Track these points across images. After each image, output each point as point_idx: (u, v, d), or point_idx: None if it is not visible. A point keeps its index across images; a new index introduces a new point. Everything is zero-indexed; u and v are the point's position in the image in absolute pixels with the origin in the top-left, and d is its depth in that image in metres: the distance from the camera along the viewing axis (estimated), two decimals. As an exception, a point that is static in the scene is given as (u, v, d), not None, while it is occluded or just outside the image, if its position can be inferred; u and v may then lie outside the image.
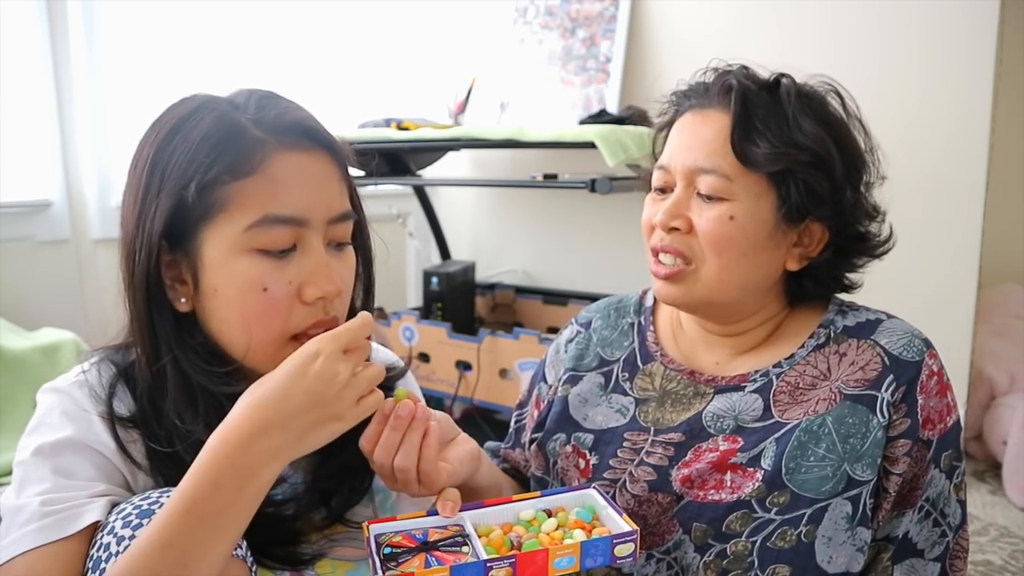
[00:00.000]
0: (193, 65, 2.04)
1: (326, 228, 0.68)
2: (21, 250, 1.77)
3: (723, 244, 0.78)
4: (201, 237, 0.65)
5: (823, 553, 0.73)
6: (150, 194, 0.65)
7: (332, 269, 0.68)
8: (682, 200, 0.80)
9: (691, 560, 0.76)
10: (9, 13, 1.71)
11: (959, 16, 1.83)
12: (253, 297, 0.65)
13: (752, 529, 0.75)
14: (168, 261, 0.67)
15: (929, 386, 0.76)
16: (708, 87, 0.83)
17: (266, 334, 0.66)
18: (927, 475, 0.76)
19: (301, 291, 0.66)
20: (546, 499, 0.72)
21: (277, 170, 0.65)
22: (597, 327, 0.96)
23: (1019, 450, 2.01)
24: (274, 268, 0.65)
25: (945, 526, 0.77)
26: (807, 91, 0.81)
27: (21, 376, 1.47)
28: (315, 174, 0.68)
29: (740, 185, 0.77)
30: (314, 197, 0.67)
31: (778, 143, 0.76)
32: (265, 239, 0.65)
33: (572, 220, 2.48)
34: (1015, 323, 2.53)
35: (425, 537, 0.66)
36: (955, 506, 0.78)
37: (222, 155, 0.64)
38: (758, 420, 0.79)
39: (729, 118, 0.78)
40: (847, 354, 0.79)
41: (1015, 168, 2.71)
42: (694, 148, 0.80)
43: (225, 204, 0.64)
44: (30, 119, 1.77)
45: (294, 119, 0.68)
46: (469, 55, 2.55)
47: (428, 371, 2.11)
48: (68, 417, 0.66)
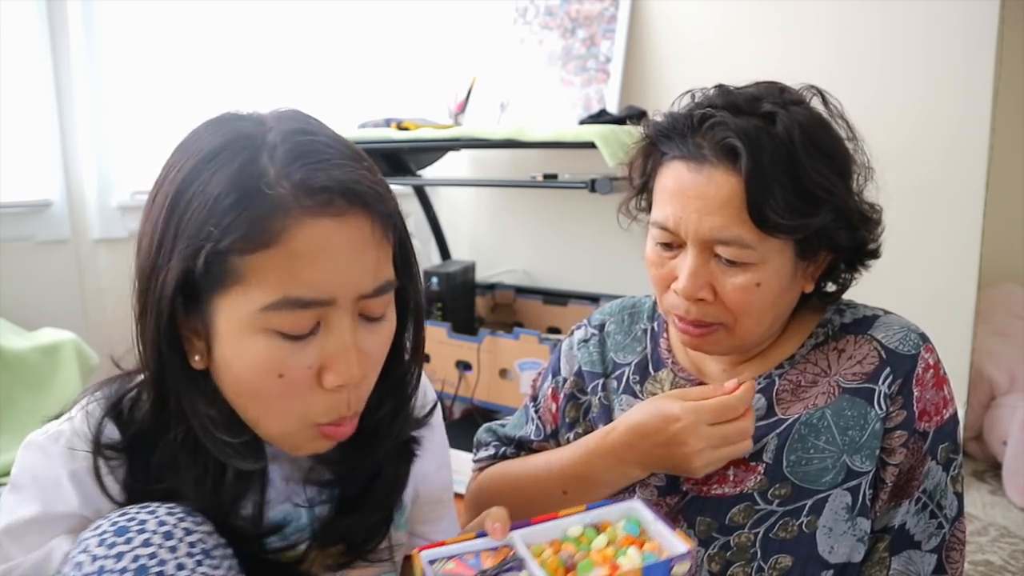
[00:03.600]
0: (194, 65, 2.04)
1: (356, 303, 0.60)
2: (21, 250, 1.77)
3: (753, 308, 0.76)
4: (215, 305, 0.58)
5: (824, 543, 0.74)
6: (164, 247, 0.58)
7: (358, 351, 0.60)
8: (701, 267, 0.76)
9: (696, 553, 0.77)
10: (9, 13, 1.71)
11: (959, 16, 1.83)
12: (268, 382, 0.58)
13: (755, 521, 0.76)
14: (188, 323, 0.60)
15: (925, 379, 0.77)
16: (696, 134, 0.75)
17: (283, 417, 0.61)
18: (924, 467, 0.77)
19: (321, 375, 0.59)
20: (592, 513, 0.70)
21: (300, 243, 0.55)
22: (611, 331, 0.95)
23: (1019, 450, 2.01)
24: (292, 352, 0.58)
25: (942, 517, 0.78)
26: (801, 120, 0.75)
27: (21, 376, 1.46)
28: (347, 246, 0.58)
29: (762, 249, 0.74)
30: (343, 274, 0.58)
31: (797, 204, 0.72)
32: (283, 322, 0.57)
33: (572, 220, 2.48)
34: (1015, 323, 2.53)
35: (478, 563, 0.64)
36: (952, 498, 0.79)
37: (238, 220, 0.55)
38: (762, 419, 0.80)
39: (736, 181, 0.72)
40: (845, 350, 0.81)
41: (1015, 168, 2.71)
42: (704, 215, 0.74)
43: (241, 276, 0.56)
44: (30, 119, 1.76)
45: (329, 177, 0.57)
46: (469, 55, 2.55)
47: (428, 371, 2.11)
48: (37, 484, 0.62)
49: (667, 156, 0.78)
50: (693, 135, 0.76)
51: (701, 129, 0.75)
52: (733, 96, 0.77)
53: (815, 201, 0.73)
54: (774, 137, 0.73)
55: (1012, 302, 2.66)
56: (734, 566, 0.76)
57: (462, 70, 2.49)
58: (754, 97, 0.76)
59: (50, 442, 0.63)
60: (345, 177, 0.57)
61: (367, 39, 2.54)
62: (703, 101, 0.79)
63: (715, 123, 0.74)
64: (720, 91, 0.79)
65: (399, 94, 2.61)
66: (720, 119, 0.74)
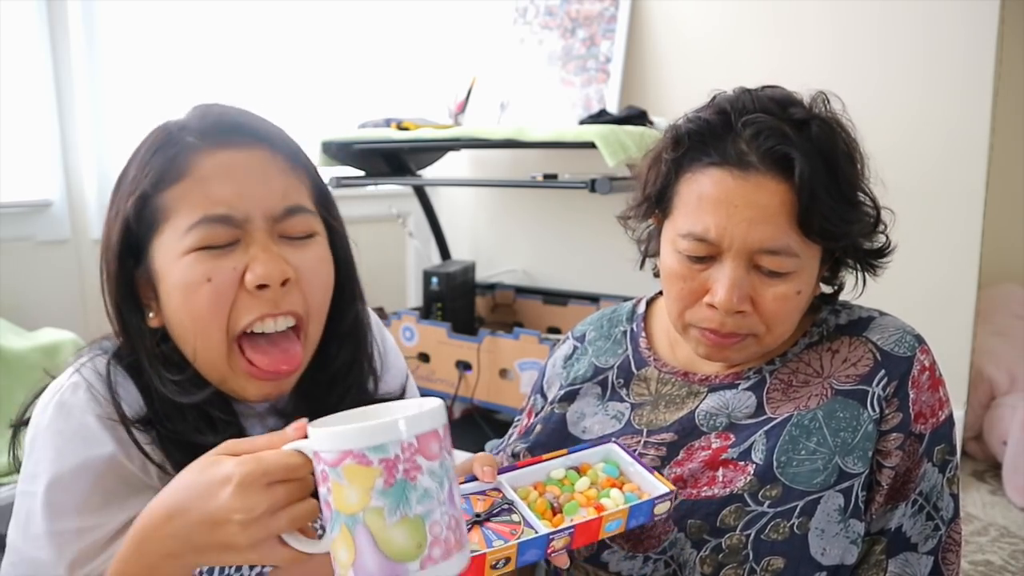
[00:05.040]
0: (193, 65, 2.04)
1: (273, 225, 0.66)
2: (21, 250, 1.77)
3: (789, 316, 0.76)
4: (152, 249, 0.66)
5: (816, 545, 0.74)
6: (110, 213, 0.67)
7: (281, 258, 0.65)
8: (744, 280, 0.73)
9: (688, 556, 0.77)
10: (9, 13, 1.71)
11: (959, 16, 1.83)
12: (200, 290, 0.63)
13: (746, 522, 0.75)
14: (142, 281, 0.67)
15: (920, 381, 0.77)
16: (739, 140, 0.73)
17: (212, 332, 0.64)
18: (920, 469, 0.77)
19: (244, 277, 0.64)
20: (572, 456, 0.74)
21: (208, 170, 0.64)
22: (591, 338, 0.95)
23: (1019, 450, 2.01)
24: (217, 258, 0.64)
25: (938, 519, 0.78)
26: (833, 125, 0.74)
27: (21, 376, 1.46)
28: (250, 170, 0.66)
29: (805, 257, 0.74)
30: (250, 194, 0.65)
31: (841, 210, 0.72)
32: (205, 237, 0.63)
33: (572, 220, 2.48)
34: (1015, 323, 2.54)
35: (469, 507, 0.66)
36: (948, 499, 0.79)
37: (154, 164, 0.65)
38: (751, 417, 0.80)
39: (786, 189, 0.71)
40: (839, 351, 0.80)
41: (1015, 168, 2.71)
42: (755, 224, 0.72)
43: (166, 213, 0.65)
44: (30, 119, 1.77)
45: (230, 120, 0.67)
46: (469, 55, 2.55)
47: (428, 371, 2.11)
48: (64, 436, 0.64)
49: (700, 163, 0.75)
50: (735, 141, 0.73)
51: (744, 135, 0.73)
52: (764, 101, 0.75)
53: (854, 205, 0.74)
54: (816, 143, 0.72)
55: (1012, 302, 2.67)
56: (726, 568, 0.75)
57: (462, 70, 2.49)
58: (783, 102, 0.75)
59: (69, 393, 0.65)
60: (243, 118, 0.68)
61: (367, 39, 2.54)
62: (737, 106, 0.75)
63: (760, 129, 0.72)
64: (751, 95, 0.76)
65: (399, 94, 2.62)
66: (765, 124, 0.72)
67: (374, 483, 0.48)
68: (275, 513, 0.50)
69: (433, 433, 0.50)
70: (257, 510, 0.49)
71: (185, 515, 0.52)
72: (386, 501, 0.48)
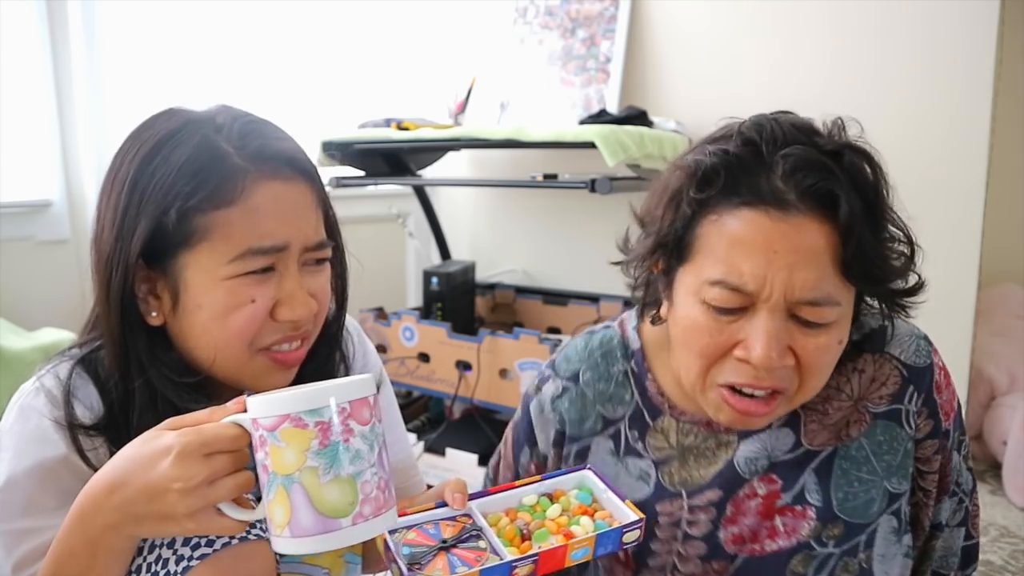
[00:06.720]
0: (193, 65, 2.04)
1: (303, 254, 0.70)
2: (21, 250, 1.77)
3: (828, 367, 0.70)
4: (182, 261, 0.66)
5: (880, 572, 0.75)
6: (129, 214, 0.66)
7: (305, 292, 0.70)
8: (782, 331, 0.65)
9: None
10: (9, 13, 1.71)
11: (959, 16, 1.83)
12: (237, 314, 0.67)
13: (815, 567, 0.74)
14: (143, 276, 0.68)
15: (941, 384, 0.79)
16: (773, 176, 0.65)
17: (236, 345, 0.68)
18: (952, 462, 0.80)
19: (275, 310, 0.68)
20: (546, 483, 0.74)
21: (258, 200, 0.66)
22: (588, 380, 0.83)
23: (1019, 450, 2.01)
24: (259, 283, 0.67)
25: (962, 494, 0.82)
26: (865, 156, 0.67)
27: (21, 376, 1.45)
28: (295, 203, 0.69)
29: (846, 304, 0.67)
30: (292, 227, 0.68)
31: (883, 251, 0.67)
32: (247, 265, 0.66)
33: (572, 220, 2.48)
34: (1015, 323, 2.54)
35: (439, 532, 0.66)
36: (966, 474, 0.83)
37: (204, 183, 0.65)
38: (789, 452, 0.77)
39: (829, 230, 0.64)
40: (865, 371, 0.78)
41: (1015, 168, 2.71)
42: (796, 271, 0.63)
43: (207, 233, 0.65)
44: (30, 119, 1.76)
45: (276, 148, 0.69)
46: (469, 55, 2.55)
47: (428, 371, 2.11)
48: (22, 438, 0.66)
49: (729, 203, 0.66)
50: (769, 177, 0.65)
51: (779, 171, 0.65)
52: (791, 130, 0.67)
53: (893, 242, 0.68)
54: (852, 176, 0.65)
55: (1012, 302, 2.66)
56: None
57: (462, 70, 2.49)
58: (807, 131, 0.68)
59: (31, 397, 0.68)
60: (290, 150, 0.70)
61: (367, 39, 2.54)
62: (767, 136, 0.67)
63: (798, 164, 0.64)
64: (776, 124, 0.68)
65: (399, 94, 2.61)
66: (803, 158, 0.64)
67: (310, 444, 0.52)
68: (213, 483, 0.53)
69: (364, 400, 0.55)
70: (196, 479, 0.52)
71: (126, 486, 0.54)
72: (321, 461, 0.52)
